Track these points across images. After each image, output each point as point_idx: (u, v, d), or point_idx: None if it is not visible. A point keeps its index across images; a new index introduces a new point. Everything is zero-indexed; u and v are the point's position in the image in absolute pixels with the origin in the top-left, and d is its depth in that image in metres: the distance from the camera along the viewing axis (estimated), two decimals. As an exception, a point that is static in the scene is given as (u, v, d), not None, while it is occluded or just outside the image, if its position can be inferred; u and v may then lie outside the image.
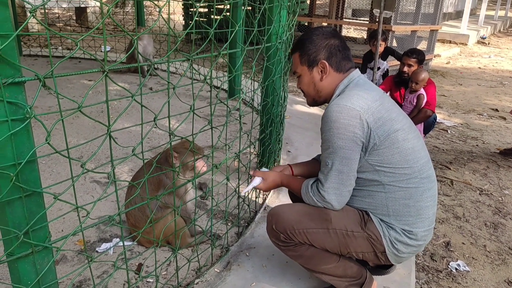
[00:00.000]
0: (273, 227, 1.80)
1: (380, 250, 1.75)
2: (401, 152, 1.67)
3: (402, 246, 1.72)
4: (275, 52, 2.52)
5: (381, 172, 1.68)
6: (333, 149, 1.63)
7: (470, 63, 10.35)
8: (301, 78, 1.86)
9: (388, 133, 1.64)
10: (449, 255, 2.71)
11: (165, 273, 2.13)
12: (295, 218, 1.76)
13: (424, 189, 1.73)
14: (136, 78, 6.00)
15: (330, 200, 1.69)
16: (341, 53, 1.79)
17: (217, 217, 2.67)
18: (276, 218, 1.80)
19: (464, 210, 3.29)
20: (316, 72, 1.79)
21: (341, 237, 1.74)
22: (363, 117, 1.61)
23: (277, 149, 3.14)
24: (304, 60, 1.80)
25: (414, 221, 1.72)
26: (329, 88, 1.81)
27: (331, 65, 1.77)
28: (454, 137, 5.04)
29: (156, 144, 3.75)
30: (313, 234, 1.74)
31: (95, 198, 2.75)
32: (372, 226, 1.73)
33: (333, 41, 1.78)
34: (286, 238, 1.78)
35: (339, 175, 1.65)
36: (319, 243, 1.76)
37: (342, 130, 1.60)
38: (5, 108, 1.10)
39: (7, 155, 1.15)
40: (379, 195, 1.72)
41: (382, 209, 1.73)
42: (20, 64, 1.12)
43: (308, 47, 1.79)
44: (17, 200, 1.20)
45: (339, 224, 1.73)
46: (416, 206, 1.71)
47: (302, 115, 5.06)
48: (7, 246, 1.26)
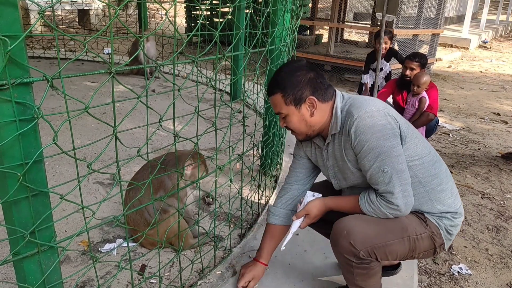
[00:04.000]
0: (351, 243, 1.67)
1: (439, 243, 1.78)
2: (420, 142, 1.75)
3: (454, 229, 1.79)
4: (279, 54, 2.53)
5: (413, 166, 1.71)
6: (384, 153, 1.60)
7: (472, 67, 10.36)
8: (287, 118, 1.76)
9: (407, 125, 1.73)
10: (451, 258, 2.71)
11: (168, 274, 2.13)
12: (374, 232, 1.68)
13: (444, 170, 1.82)
14: (138, 80, 6.02)
15: (400, 205, 1.63)
16: (322, 84, 1.73)
17: (220, 219, 2.67)
18: (355, 234, 1.67)
19: (466, 213, 3.29)
20: (305, 109, 1.72)
21: (412, 243, 1.73)
22: (387, 113, 1.65)
23: (279, 152, 3.15)
24: (289, 100, 1.71)
25: (453, 201, 1.79)
26: (321, 120, 1.76)
27: (318, 99, 1.71)
28: (455, 141, 5.05)
29: (159, 145, 3.76)
30: (391, 245, 1.70)
31: (98, 199, 2.76)
32: (430, 223, 1.76)
33: (312, 74, 1.72)
34: (364, 256, 1.68)
35: (402, 175, 1.62)
36: (394, 254, 1.73)
37: (384, 131, 1.60)
38: (13, 108, 1.11)
39: (15, 155, 1.15)
40: (419, 192, 1.75)
41: (427, 204, 1.76)
42: (29, 65, 1.14)
43: (289, 86, 1.70)
44: (23, 199, 1.21)
45: (411, 230, 1.73)
46: (448, 186, 1.79)
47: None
48: (13, 246, 1.27)
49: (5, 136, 1.12)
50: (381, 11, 4.70)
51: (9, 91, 1.09)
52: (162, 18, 10.54)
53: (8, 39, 1.04)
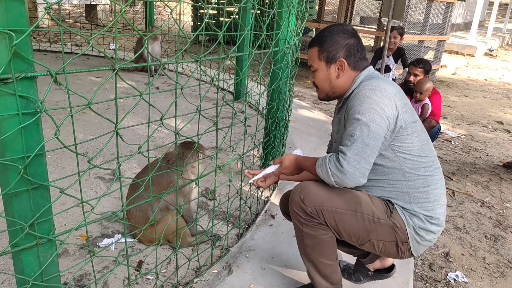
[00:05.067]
0: (301, 198, 1.76)
1: (402, 240, 1.77)
2: (420, 141, 1.75)
3: (425, 232, 1.76)
4: (282, 56, 2.54)
5: (401, 158, 1.73)
6: (362, 121, 1.64)
7: (477, 75, 10.34)
8: (316, 72, 1.88)
9: (411, 120, 1.73)
10: (448, 265, 2.71)
11: (165, 271, 2.15)
12: (326, 196, 1.75)
13: (438, 178, 1.81)
14: (142, 76, 6.03)
15: (347, 171, 1.63)
16: (359, 52, 1.84)
17: (218, 218, 2.69)
18: (307, 191, 1.77)
19: (465, 221, 3.29)
20: (334, 69, 1.83)
21: (367, 222, 1.75)
22: (392, 99, 1.67)
23: (280, 153, 3.16)
24: (323, 56, 1.83)
25: (433, 207, 1.77)
26: (344, 85, 1.85)
27: (349, 64, 1.82)
28: (457, 148, 5.05)
29: (161, 143, 3.77)
30: (341, 214, 1.74)
31: (98, 193, 2.77)
32: (397, 215, 1.76)
33: (353, 41, 1.83)
34: (312, 213, 1.75)
35: (364, 148, 1.64)
36: (344, 225, 1.75)
37: (374, 105, 1.64)
38: (17, 102, 1.13)
39: (17, 148, 1.17)
40: (399, 184, 1.76)
41: (404, 197, 1.76)
42: (34, 59, 1.15)
43: (328, 43, 1.82)
44: (24, 192, 1.22)
45: (367, 209, 1.75)
46: (434, 192, 1.77)
47: (307, 120, 5.07)
48: (12, 237, 1.28)
49: (8, 129, 1.13)
50: (387, 16, 4.70)
51: (13, 84, 1.11)
52: (169, 16, 10.58)
53: (14, 33, 1.06)
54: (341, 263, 2.29)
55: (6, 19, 1.06)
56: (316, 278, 1.91)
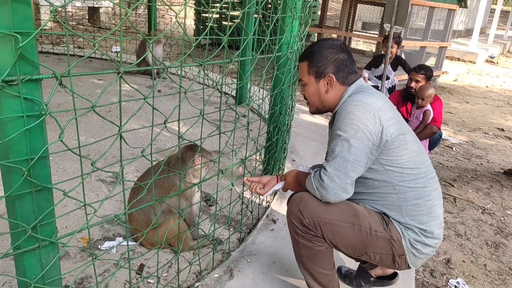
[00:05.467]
0: (300, 210, 1.77)
1: (399, 253, 1.76)
2: (409, 153, 1.73)
3: (421, 246, 1.74)
4: (286, 61, 2.54)
5: (390, 171, 1.72)
6: (343, 137, 1.66)
7: (478, 82, 10.35)
8: (306, 87, 1.90)
9: (399, 133, 1.71)
10: (449, 272, 2.71)
11: (166, 275, 2.14)
12: (324, 207, 1.74)
13: (431, 189, 1.78)
14: (145, 79, 6.04)
15: (327, 186, 1.66)
16: (348, 68, 1.84)
17: (220, 222, 2.68)
18: (306, 202, 1.77)
19: (466, 228, 3.29)
20: (323, 84, 1.85)
21: (364, 235, 1.74)
22: (376, 113, 1.67)
23: (282, 158, 3.16)
24: (312, 71, 1.85)
25: (427, 220, 1.75)
26: (334, 99, 1.86)
27: (337, 79, 1.83)
28: (458, 155, 5.05)
29: (163, 146, 3.77)
30: (339, 227, 1.74)
31: (100, 196, 2.77)
32: (393, 228, 1.75)
33: (342, 55, 1.83)
34: (309, 225, 1.75)
35: (344, 163, 1.65)
36: (341, 238, 1.76)
37: (355, 121, 1.65)
38: (22, 104, 1.13)
39: (21, 150, 1.17)
40: (390, 197, 1.76)
41: (396, 210, 1.76)
42: (39, 61, 1.15)
43: (317, 58, 1.83)
44: (27, 194, 1.22)
45: (364, 221, 1.75)
46: (427, 204, 1.75)
47: (309, 124, 5.08)
48: (15, 240, 1.28)
49: (12, 131, 1.14)
50: (390, 22, 4.71)
51: (18, 87, 1.11)
52: (172, 19, 10.59)
53: (19, 36, 1.06)
54: (343, 269, 2.29)
55: (12, 22, 1.06)
56: (313, 285, 1.91)
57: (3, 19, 1.05)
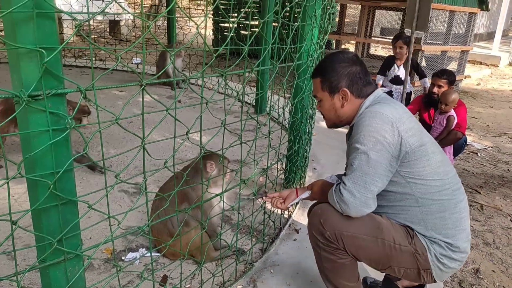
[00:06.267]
0: (321, 222, 1.74)
1: (424, 267, 1.71)
2: (431, 165, 1.68)
3: (447, 260, 1.69)
4: (306, 69, 2.53)
5: (412, 184, 1.67)
6: (361, 150, 1.63)
7: (502, 85, 10.14)
8: (321, 102, 1.87)
9: (419, 144, 1.66)
10: (478, 282, 2.63)
11: (189, 286, 2.13)
12: (346, 220, 1.70)
13: (457, 201, 1.72)
14: (164, 90, 6.10)
15: (347, 200, 1.64)
16: (362, 80, 1.80)
17: (242, 232, 2.66)
18: (327, 215, 1.74)
19: (495, 236, 3.19)
20: (337, 99, 1.81)
21: (387, 249, 1.70)
22: (394, 124, 1.62)
23: (303, 166, 3.13)
24: (326, 86, 1.81)
25: (453, 233, 1.69)
26: (350, 113, 1.83)
27: (352, 93, 1.79)
28: (484, 161, 4.93)
29: (184, 156, 3.79)
30: (361, 240, 1.70)
31: (123, 207, 2.79)
32: (418, 241, 1.70)
33: (354, 68, 1.79)
34: (330, 238, 1.72)
35: (363, 177, 1.62)
36: (364, 251, 1.72)
37: (373, 133, 1.61)
38: (47, 118, 1.14)
39: (47, 164, 1.18)
40: (413, 210, 1.70)
41: (420, 223, 1.71)
42: (64, 76, 1.16)
43: (329, 74, 1.79)
44: (53, 207, 1.23)
45: (388, 235, 1.70)
46: (452, 218, 1.70)
47: (329, 132, 5.03)
48: (40, 253, 1.29)
49: (38, 145, 1.15)
50: (410, 28, 4.65)
51: (43, 101, 1.12)
52: (190, 30, 10.70)
53: (44, 51, 1.07)
54: (368, 280, 2.24)
55: (37, 37, 1.07)
56: None
57: (29, 34, 1.06)
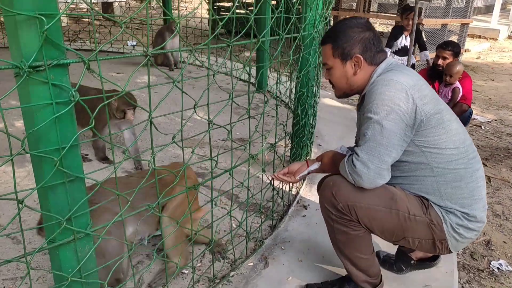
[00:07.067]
0: (333, 194, 1.68)
1: (440, 237, 1.66)
2: (447, 133, 1.62)
3: (463, 230, 1.64)
4: (311, 41, 2.45)
5: (427, 153, 1.62)
6: (374, 119, 1.56)
7: (501, 58, 10.05)
8: (331, 70, 1.78)
9: (435, 112, 1.60)
10: (490, 254, 2.60)
11: (199, 265, 2.09)
12: (359, 191, 1.65)
13: (473, 170, 1.66)
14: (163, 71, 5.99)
15: (361, 171, 1.57)
16: (375, 46, 1.72)
17: (250, 210, 2.61)
18: (339, 186, 1.68)
19: (504, 208, 3.16)
20: (350, 66, 1.73)
21: (402, 220, 1.65)
22: (409, 92, 1.56)
23: (309, 142, 3.07)
24: (337, 53, 1.73)
25: (469, 203, 1.64)
26: (362, 81, 1.75)
27: (365, 59, 1.71)
28: (488, 133, 4.89)
29: (185, 136, 3.72)
30: (375, 211, 1.65)
31: (127, 188, 2.73)
32: (433, 212, 1.65)
33: (368, 34, 1.71)
34: (343, 210, 1.67)
35: (377, 147, 1.56)
36: (378, 222, 1.67)
37: (387, 102, 1.54)
38: (50, 91, 1.07)
39: (51, 139, 1.12)
40: (428, 180, 1.65)
41: (435, 194, 1.65)
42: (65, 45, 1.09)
43: (342, 39, 1.71)
44: (60, 185, 1.17)
45: (403, 205, 1.65)
46: (468, 187, 1.64)
47: (331, 108, 4.97)
48: (49, 233, 1.23)
49: (42, 119, 1.08)
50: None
51: (45, 72, 1.05)
52: (186, 9, 10.51)
53: (44, 18, 1.00)
54: (381, 254, 2.21)
55: (36, 3, 1.00)
56: (352, 271, 1.83)
57: (27, 0, 0.99)
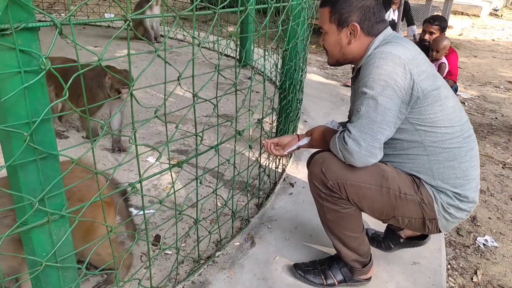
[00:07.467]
0: (322, 171, 1.61)
1: (430, 217, 1.61)
2: (444, 110, 1.55)
3: (454, 210, 1.60)
4: (300, 12, 2.33)
5: (421, 131, 1.56)
6: (369, 95, 1.48)
7: (483, 35, 10.07)
8: (326, 36, 1.69)
9: (432, 88, 1.52)
10: (475, 230, 2.59)
11: (184, 245, 2.02)
12: (349, 169, 1.58)
13: (467, 149, 1.61)
14: (143, 45, 5.79)
15: (352, 150, 1.50)
16: (375, 16, 1.62)
17: (236, 188, 2.53)
18: (329, 163, 1.61)
19: (488, 184, 3.16)
20: (345, 34, 1.63)
21: (392, 198, 1.60)
22: (407, 67, 1.47)
23: (296, 119, 2.99)
24: (334, 18, 1.63)
25: (462, 183, 1.59)
26: (357, 52, 1.66)
27: (362, 29, 1.61)
28: (471, 110, 4.89)
29: (168, 111, 3.59)
30: (365, 189, 1.59)
31: (107, 166, 2.62)
32: (425, 191, 1.60)
33: (369, 2, 1.61)
34: (333, 187, 1.61)
35: (370, 124, 1.49)
36: (367, 200, 1.61)
37: (383, 76, 1.46)
38: (18, 58, 0.96)
39: (20, 112, 1.00)
40: (420, 159, 1.59)
41: (427, 173, 1.60)
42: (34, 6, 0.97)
43: (341, 4, 1.61)
44: (31, 163, 1.06)
45: (393, 184, 1.59)
46: (461, 167, 1.59)
47: (316, 84, 4.89)
48: (20, 215, 1.13)
49: (9, 90, 0.97)
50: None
51: (12, 37, 0.93)
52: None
53: (8, -27, 0.88)
54: (369, 231, 2.17)
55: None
56: (342, 250, 1.78)
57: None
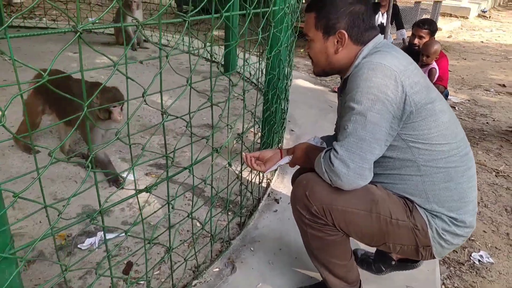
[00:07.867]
0: (306, 195, 1.48)
1: (424, 244, 1.47)
2: (438, 126, 1.41)
3: (450, 236, 1.45)
4: (283, 17, 2.19)
5: (414, 149, 1.41)
6: (357, 110, 1.34)
7: (472, 37, 10.04)
8: (312, 43, 1.55)
9: (426, 102, 1.39)
10: (470, 245, 2.47)
11: (157, 273, 1.85)
12: (336, 192, 1.44)
13: (464, 169, 1.47)
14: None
15: (339, 171, 1.35)
16: (364, 22, 1.48)
17: (216, 206, 2.38)
18: (313, 186, 1.47)
19: (482, 193, 3.04)
20: (332, 42, 1.50)
21: (383, 224, 1.45)
22: (398, 78, 1.34)
23: (281, 129, 2.84)
24: (320, 25, 1.50)
25: (459, 206, 1.45)
26: (344, 61, 1.53)
27: (350, 37, 1.48)
28: (462, 114, 4.79)
29: (147, 123, 3.44)
30: (353, 214, 1.45)
31: (79, 183, 2.45)
32: (418, 215, 1.45)
33: (358, 8, 1.47)
34: (318, 213, 1.46)
35: (359, 143, 1.34)
36: (355, 226, 1.47)
37: (372, 90, 1.32)
38: None
39: None
40: (414, 179, 1.45)
41: (420, 195, 1.45)
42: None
43: (328, 9, 1.48)
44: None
45: (384, 208, 1.45)
46: (458, 188, 1.44)
47: (304, 90, 4.75)
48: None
49: None
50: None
51: None
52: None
53: None
54: (359, 252, 2.02)
55: None
56: (329, 278, 1.63)
57: None
